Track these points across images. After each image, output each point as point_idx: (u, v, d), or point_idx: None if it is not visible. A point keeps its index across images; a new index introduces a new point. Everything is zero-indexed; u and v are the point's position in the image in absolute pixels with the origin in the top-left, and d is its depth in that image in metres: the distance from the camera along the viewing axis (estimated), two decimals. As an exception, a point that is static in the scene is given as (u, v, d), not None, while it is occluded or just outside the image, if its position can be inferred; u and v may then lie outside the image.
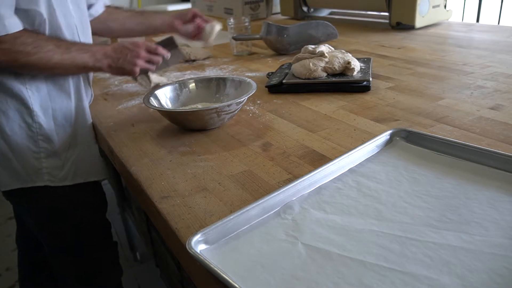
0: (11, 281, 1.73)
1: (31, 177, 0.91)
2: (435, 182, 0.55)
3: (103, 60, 0.87)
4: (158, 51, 0.91)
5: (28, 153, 0.89)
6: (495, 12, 1.86)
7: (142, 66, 0.89)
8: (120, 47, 0.89)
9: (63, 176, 0.93)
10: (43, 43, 0.80)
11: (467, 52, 1.17)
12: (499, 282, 0.38)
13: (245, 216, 0.49)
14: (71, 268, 1.06)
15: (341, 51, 0.99)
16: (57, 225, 0.99)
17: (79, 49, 0.85)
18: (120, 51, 0.88)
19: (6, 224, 2.12)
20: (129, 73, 0.90)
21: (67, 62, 0.83)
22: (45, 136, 0.89)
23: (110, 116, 0.93)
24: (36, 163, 0.90)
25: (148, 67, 0.91)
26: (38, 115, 0.88)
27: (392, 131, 0.65)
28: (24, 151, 0.89)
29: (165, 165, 0.68)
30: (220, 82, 0.90)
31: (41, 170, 0.91)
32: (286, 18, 2.00)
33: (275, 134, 0.75)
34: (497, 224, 0.46)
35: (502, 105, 0.79)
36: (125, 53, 0.88)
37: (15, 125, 0.87)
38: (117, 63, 0.87)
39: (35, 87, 0.87)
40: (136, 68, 0.89)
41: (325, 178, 0.57)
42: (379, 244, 0.44)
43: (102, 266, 1.10)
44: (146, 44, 0.90)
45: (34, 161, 0.90)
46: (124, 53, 0.88)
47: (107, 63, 0.87)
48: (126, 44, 0.89)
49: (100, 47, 0.88)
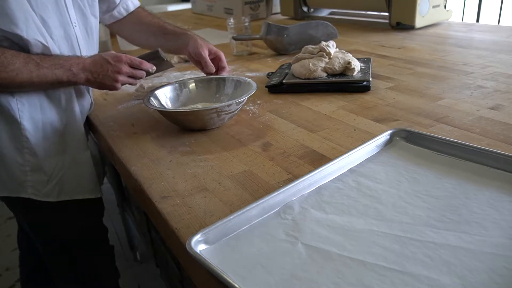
0: (11, 281, 1.73)
1: (16, 188, 0.88)
2: (435, 182, 0.55)
3: (80, 75, 0.82)
4: (142, 66, 0.87)
5: (13, 164, 0.86)
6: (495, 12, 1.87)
7: (124, 81, 0.86)
8: (101, 60, 0.84)
9: (47, 192, 0.90)
10: (7, 62, 0.75)
11: (467, 52, 1.17)
12: (499, 282, 0.38)
13: (245, 216, 0.49)
14: (68, 272, 1.05)
15: (341, 51, 0.99)
16: (52, 231, 0.98)
17: (52, 64, 0.80)
18: (101, 65, 0.83)
19: (6, 224, 2.12)
20: (109, 88, 0.86)
21: (36, 80, 0.78)
22: (31, 150, 0.86)
23: (110, 116, 0.93)
24: (21, 175, 0.87)
25: (130, 82, 0.87)
26: (25, 128, 0.84)
27: (392, 131, 0.65)
28: (10, 161, 0.86)
29: (165, 165, 0.68)
30: (220, 82, 0.90)
31: (26, 182, 0.88)
32: (286, 18, 2.00)
33: (275, 134, 0.75)
34: (497, 224, 0.46)
35: (502, 105, 0.79)
36: (105, 67, 0.83)
37: (3, 135, 0.84)
38: (97, 78, 0.83)
39: (26, 99, 0.84)
40: (117, 84, 0.85)
41: (325, 178, 0.57)
42: (379, 244, 0.44)
43: (99, 271, 1.09)
44: (129, 58, 0.86)
45: (19, 173, 0.87)
46: (104, 67, 0.83)
47: (85, 77, 0.82)
48: (107, 57, 0.84)
49: (79, 60, 0.83)
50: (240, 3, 2.02)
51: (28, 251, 1.21)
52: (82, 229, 1.01)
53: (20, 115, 0.84)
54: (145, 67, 0.87)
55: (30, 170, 0.88)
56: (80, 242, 1.02)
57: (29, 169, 0.87)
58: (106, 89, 0.87)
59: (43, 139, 0.87)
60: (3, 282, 1.74)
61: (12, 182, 0.88)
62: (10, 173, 0.87)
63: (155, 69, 0.89)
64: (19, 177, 0.88)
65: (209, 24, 2.06)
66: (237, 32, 1.37)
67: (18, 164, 0.87)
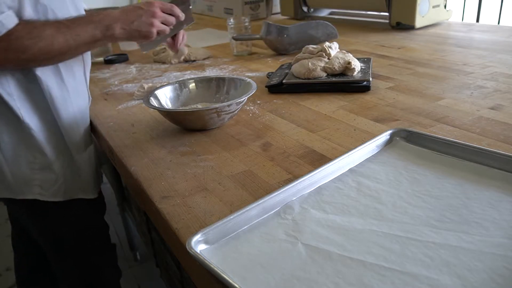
0: (11, 281, 1.73)
1: (22, 189, 0.88)
2: (435, 182, 0.55)
3: (114, 25, 0.78)
4: (174, 10, 0.84)
5: (23, 163, 0.85)
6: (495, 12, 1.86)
7: (159, 27, 0.82)
8: (131, 8, 0.81)
9: (54, 191, 0.90)
10: (40, 31, 0.73)
11: (467, 52, 1.17)
12: (499, 282, 0.38)
13: (245, 216, 0.49)
14: (73, 271, 1.05)
15: (342, 51, 0.99)
16: (56, 230, 0.98)
17: (82, 22, 0.77)
18: (133, 12, 0.80)
19: (6, 224, 2.12)
20: (146, 35, 0.82)
21: (72, 41, 0.75)
22: (40, 148, 0.85)
23: (110, 116, 0.93)
24: (29, 173, 0.86)
25: (164, 28, 0.84)
26: (30, 127, 0.83)
27: (392, 131, 0.65)
28: (19, 160, 0.85)
29: (165, 165, 0.68)
30: (220, 82, 0.90)
31: (33, 181, 0.87)
32: (286, 18, 2.00)
33: (275, 134, 0.75)
34: (497, 224, 0.46)
35: (502, 105, 0.79)
36: (139, 13, 0.80)
37: (12, 135, 0.83)
38: (132, 26, 0.79)
39: (25, 97, 0.82)
40: (153, 29, 0.81)
41: (325, 178, 0.57)
42: (379, 244, 0.44)
43: (102, 269, 1.09)
44: (160, 2, 0.83)
45: (28, 171, 0.86)
46: (138, 13, 0.80)
47: (120, 27, 0.78)
48: (138, 4, 0.81)
49: (108, 12, 0.79)
50: (240, 3, 2.02)
51: (25, 253, 1.21)
52: (86, 227, 1.01)
53: (22, 114, 0.83)
54: (176, 12, 0.85)
55: (39, 168, 0.87)
56: (84, 241, 1.02)
57: (38, 167, 0.87)
58: (142, 39, 0.83)
59: (49, 137, 0.87)
60: (3, 282, 1.74)
61: (17, 183, 0.87)
62: (17, 173, 0.86)
63: (183, 17, 0.87)
64: (27, 176, 0.87)
65: (209, 24, 2.06)
66: (237, 32, 1.37)
67: (28, 162, 0.86)
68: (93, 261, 1.06)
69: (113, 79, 1.20)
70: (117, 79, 1.20)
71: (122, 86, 1.13)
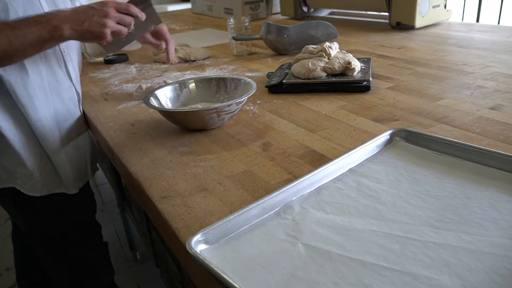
0: (11, 281, 1.73)
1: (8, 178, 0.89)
2: (435, 182, 0.55)
3: (63, 26, 0.74)
4: (130, 9, 0.80)
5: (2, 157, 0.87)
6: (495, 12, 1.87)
7: (113, 27, 0.78)
8: (83, 7, 0.77)
9: (30, 186, 0.91)
10: None
11: (467, 52, 1.17)
12: (499, 282, 0.38)
13: (245, 216, 0.49)
14: (61, 267, 1.05)
15: (342, 51, 0.99)
16: (42, 224, 0.98)
17: (29, 23, 0.73)
18: (84, 12, 0.76)
19: (6, 224, 2.12)
20: (98, 36, 0.78)
21: (17, 43, 0.72)
22: (11, 147, 0.86)
23: (110, 116, 0.93)
24: (11, 165, 0.88)
25: (119, 29, 0.80)
26: (1, 126, 0.83)
27: (392, 131, 0.65)
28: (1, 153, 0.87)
29: (165, 165, 0.68)
30: (220, 82, 0.90)
31: (15, 174, 0.89)
32: (286, 18, 2.00)
33: (275, 134, 0.75)
34: (497, 224, 0.46)
35: (502, 105, 0.79)
36: (90, 13, 0.76)
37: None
38: (82, 26, 0.75)
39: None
40: (106, 30, 0.77)
41: (325, 178, 0.57)
42: (379, 244, 0.44)
43: (92, 267, 1.09)
44: (115, 2, 0.80)
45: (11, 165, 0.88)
46: (89, 13, 0.76)
47: (69, 27, 0.75)
48: (91, 4, 0.78)
49: (57, 13, 0.76)
50: (240, 3, 2.02)
51: (22, 250, 1.21)
52: (73, 224, 1.01)
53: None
54: (133, 11, 0.81)
55: (17, 163, 0.88)
56: (72, 238, 1.02)
57: (17, 163, 0.88)
58: (95, 40, 0.80)
59: (18, 136, 0.86)
60: (3, 282, 1.74)
61: (5, 172, 0.89)
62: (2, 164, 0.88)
63: (144, 16, 0.83)
64: (10, 167, 0.89)
65: (209, 24, 2.06)
66: (237, 32, 1.36)
67: (7, 156, 0.88)
68: (82, 257, 1.06)
69: (113, 79, 1.20)
70: (117, 79, 1.20)
71: (122, 86, 1.13)
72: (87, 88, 1.13)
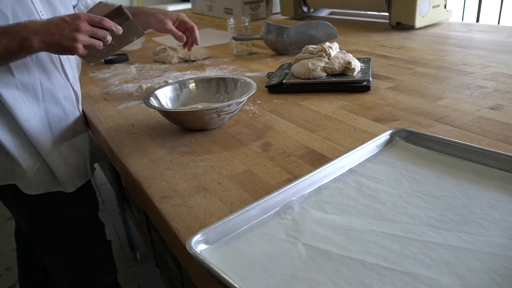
0: (11, 281, 1.73)
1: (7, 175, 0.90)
2: (435, 182, 0.55)
3: (32, 38, 0.73)
4: (103, 23, 0.78)
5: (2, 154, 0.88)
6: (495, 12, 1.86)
7: (85, 41, 0.76)
8: (55, 20, 0.76)
9: (26, 185, 0.91)
10: None
11: (467, 52, 1.17)
12: (499, 282, 0.38)
13: (245, 216, 0.49)
14: (62, 266, 1.05)
15: (342, 51, 0.99)
16: (43, 223, 0.99)
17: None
18: (56, 25, 0.75)
19: (6, 224, 2.12)
20: (70, 50, 0.77)
21: None
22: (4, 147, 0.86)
23: (110, 116, 0.93)
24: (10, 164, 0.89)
25: (92, 42, 0.77)
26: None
27: (392, 131, 0.65)
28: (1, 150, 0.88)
29: (165, 165, 0.68)
30: (220, 82, 0.90)
31: (14, 171, 0.90)
32: (286, 18, 2.00)
33: (275, 134, 0.75)
34: (497, 224, 0.46)
35: (502, 105, 0.79)
36: (61, 26, 0.75)
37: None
38: (53, 39, 0.74)
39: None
40: (77, 45, 0.75)
41: (325, 178, 0.57)
42: (379, 244, 0.44)
43: (93, 265, 1.09)
44: (88, 15, 0.77)
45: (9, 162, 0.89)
46: (60, 27, 0.75)
47: (39, 39, 0.74)
48: (63, 17, 0.77)
49: (29, 24, 0.75)
50: (240, 3, 2.02)
51: (24, 249, 1.22)
52: (73, 222, 1.01)
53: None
54: (107, 25, 0.78)
55: (14, 162, 0.89)
56: (73, 237, 1.02)
57: (13, 161, 0.89)
58: (66, 53, 0.79)
59: (10, 136, 0.87)
60: (3, 282, 1.74)
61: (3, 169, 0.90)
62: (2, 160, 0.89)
63: (120, 30, 0.80)
64: (9, 165, 0.89)
65: (209, 24, 2.06)
66: (237, 32, 1.37)
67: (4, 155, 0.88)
68: (83, 257, 1.05)
69: (113, 79, 1.20)
70: (117, 79, 1.20)
71: (122, 86, 1.13)
72: (87, 88, 1.13)
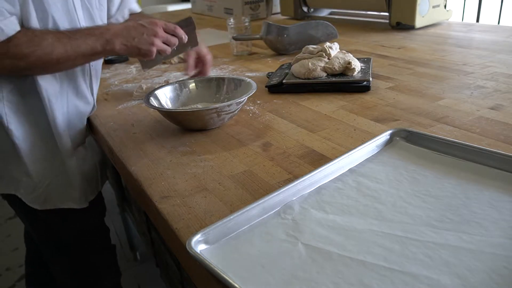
0: (11, 281, 1.73)
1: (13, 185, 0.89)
2: (435, 182, 0.55)
3: (114, 40, 0.78)
4: (177, 31, 0.83)
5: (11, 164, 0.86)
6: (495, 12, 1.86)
7: (159, 47, 0.81)
8: (134, 24, 0.81)
9: (33, 198, 0.90)
10: (40, 39, 0.73)
11: (467, 52, 1.17)
12: (499, 282, 0.38)
13: (245, 216, 0.49)
14: (68, 271, 1.05)
15: (342, 51, 0.99)
16: (51, 231, 0.98)
17: (83, 34, 0.77)
18: (135, 28, 0.80)
19: (6, 224, 2.12)
20: (145, 53, 0.81)
21: (71, 52, 0.75)
22: (19, 155, 0.85)
23: (110, 116, 0.93)
24: (17, 175, 0.87)
25: (165, 48, 0.83)
26: (14, 134, 0.83)
27: (392, 131, 0.65)
28: (8, 160, 0.86)
29: (165, 165, 0.68)
30: (220, 82, 0.90)
31: (20, 183, 0.88)
32: (286, 18, 2.00)
33: (275, 134, 0.75)
34: (497, 224, 0.46)
35: (502, 105, 0.79)
36: (141, 31, 0.80)
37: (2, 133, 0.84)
38: (132, 42, 0.79)
39: (14, 104, 0.81)
40: (153, 48, 0.81)
41: (325, 178, 0.57)
42: (379, 244, 0.44)
43: (99, 270, 1.09)
44: (163, 22, 0.83)
45: (16, 173, 0.87)
46: (140, 31, 0.80)
47: (120, 42, 0.79)
48: (141, 22, 0.81)
49: (109, 27, 0.80)
50: (240, 3, 2.02)
51: (33, 249, 1.22)
52: (81, 230, 1.01)
53: (8, 120, 0.82)
54: (179, 34, 0.84)
55: (24, 172, 0.87)
56: (80, 242, 1.02)
57: (23, 172, 0.87)
58: (141, 56, 0.83)
59: (31, 145, 0.86)
60: (3, 282, 1.74)
61: (10, 178, 0.88)
62: (8, 171, 0.88)
63: (186, 39, 0.86)
64: (15, 175, 0.88)
65: (209, 24, 2.06)
66: (237, 32, 1.37)
67: (15, 164, 0.87)
68: (90, 261, 1.05)
69: (113, 79, 1.20)
70: (117, 79, 1.20)
71: (122, 86, 1.13)
72: (87, 88, 1.13)
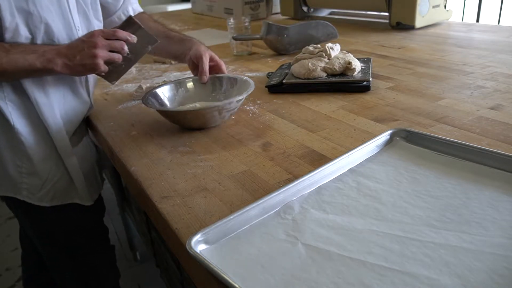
0: (11, 281, 1.73)
1: (12, 189, 0.88)
2: (435, 182, 0.55)
3: (56, 60, 0.75)
4: (117, 34, 0.77)
5: (11, 166, 0.86)
6: (495, 12, 1.87)
7: (105, 56, 0.76)
8: (75, 41, 0.77)
9: (41, 196, 0.90)
10: None
11: (467, 52, 1.17)
12: (499, 282, 0.38)
13: (245, 216, 0.49)
14: (68, 271, 1.05)
15: (342, 51, 0.99)
16: (51, 231, 0.98)
17: (23, 50, 0.75)
18: (76, 46, 0.76)
19: (6, 224, 2.12)
20: (92, 68, 0.77)
21: (8, 66, 0.73)
22: (26, 153, 0.85)
23: (110, 116, 0.93)
24: (17, 177, 0.87)
25: (111, 56, 0.78)
26: (20, 132, 0.83)
27: (392, 131, 0.65)
28: (8, 162, 0.85)
29: (165, 165, 0.68)
30: (216, 81, 0.90)
31: (21, 185, 0.88)
32: (286, 18, 2.00)
33: (275, 134, 0.75)
34: (497, 224, 0.46)
35: (502, 105, 0.79)
36: (80, 47, 0.75)
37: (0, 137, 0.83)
38: (75, 61, 0.75)
39: (16, 102, 0.82)
40: (97, 60, 0.75)
41: (325, 178, 0.57)
42: (379, 244, 0.44)
43: (99, 270, 1.09)
44: (101, 30, 0.78)
45: (16, 174, 0.86)
46: (80, 47, 0.75)
47: (62, 62, 0.75)
48: (82, 37, 0.78)
49: (54, 46, 0.77)
50: (240, 3, 2.02)
51: (30, 250, 1.21)
52: (81, 229, 1.01)
53: (13, 119, 0.82)
54: (121, 35, 0.78)
55: (26, 173, 0.87)
56: (80, 242, 1.02)
57: (25, 172, 0.87)
58: (89, 72, 0.79)
59: (37, 143, 0.86)
60: (3, 282, 1.74)
61: (9, 182, 0.88)
62: (7, 173, 0.87)
63: (135, 38, 0.80)
64: (15, 178, 0.87)
65: (209, 24, 2.06)
66: (237, 32, 1.36)
67: (15, 165, 0.86)
68: (89, 261, 1.05)
69: (113, 79, 1.20)
70: (117, 79, 1.20)
71: (122, 86, 1.13)
72: (87, 88, 1.13)
